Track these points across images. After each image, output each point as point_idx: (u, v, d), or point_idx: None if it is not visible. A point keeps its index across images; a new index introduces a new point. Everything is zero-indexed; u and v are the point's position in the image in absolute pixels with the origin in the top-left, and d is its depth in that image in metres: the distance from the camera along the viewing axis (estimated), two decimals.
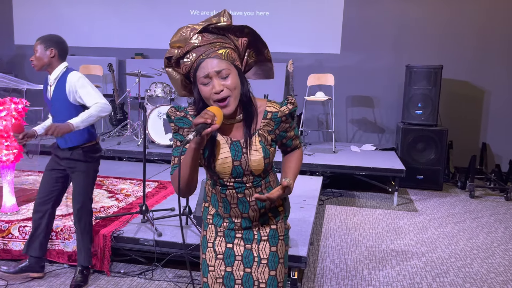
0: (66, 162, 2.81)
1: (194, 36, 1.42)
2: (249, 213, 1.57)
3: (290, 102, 1.57)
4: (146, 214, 3.44)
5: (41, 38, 2.71)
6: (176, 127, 1.53)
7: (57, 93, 2.73)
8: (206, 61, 1.40)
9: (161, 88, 6.11)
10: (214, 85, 1.40)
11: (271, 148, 1.55)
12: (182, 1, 7.53)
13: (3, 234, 3.26)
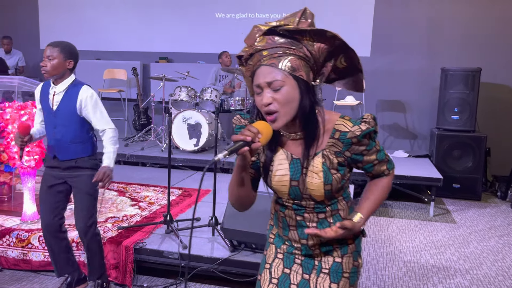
0: (69, 171, 2.58)
1: (258, 38, 1.25)
2: (308, 240, 1.37)
3: (365, 122, 1.31)
4: (170, 225, 3.26)
5: (60, 46, 2.50)
6: None
7: (64, 104, 2.52)
8: (261, 69, 1.24)
9: (186, 92, 5.97)
10: (262, 96, 1.23)
11: (337, 173, 1.31)
12: (207, 4, 7.40)
13: (22, 244, 3.14)
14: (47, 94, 2.55)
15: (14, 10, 8.08)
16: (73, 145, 2.53)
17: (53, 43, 2.52)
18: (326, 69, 1.31)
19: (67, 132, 2.51)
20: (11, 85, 3.48)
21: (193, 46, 7.55)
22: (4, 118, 3.20)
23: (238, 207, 1.40)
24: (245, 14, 7.34)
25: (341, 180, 1.32)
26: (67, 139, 2.53)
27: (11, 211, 3.55)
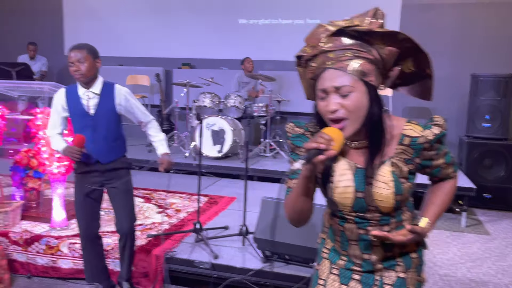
0: (109, 173, 2.58)
1: (325, 39, 1.17)
2: (371, 254, 1.28)
3: (437, 125, 1.24)
4: (200, 233, 3.20)
5: (86, 48, 2.46)
6: (293, 146, 1.32)
7: (102, 105, 2.52)
8: (328, 72, 1.16)
9: (210, 99, 5.94)
10: (328, 102, 1.16)
11: (407, 182, 1.23)
12: (230, 10, 7.39)
13: (52, 251, 3.11)
14: (79, 99, 2.50)
15: (39, 17, 8.18)
16: (114, 144, 2.56)
17: (77, 46, 2.48)
18: (393, 74, 1.24)
19: (108, 132, 2.53)
20: (41, 90, 3.46)
21: (215, 52, 7.53)
22: (36, 124, 3.19)
23: (297, 222, 1.29)
24: (268, 20, 7.29)
25: (410, 190, 1.25)
26: (109, 140, 2.54)
27: (39, 217, 3.53)
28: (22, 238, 3.16)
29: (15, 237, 3.17)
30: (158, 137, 2.70)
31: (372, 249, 1.27)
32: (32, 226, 3.40)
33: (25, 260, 3.14)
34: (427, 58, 1.23)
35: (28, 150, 3.70)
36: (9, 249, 3.15)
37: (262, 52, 7.14)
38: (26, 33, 7.85)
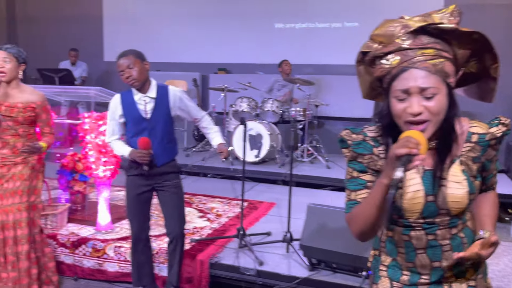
0: (161, 176, 2.60)
1: (404, 35, 1.11)
2: (442, 261, 1.20)
3: (502, 123, 1.20)
4: (244, 239, 3.17)
5: (133, 53, 2.48)
6: (354, 154, 1.24)
7: (158, 109, 2.55)
8: (411, 72, 1.09)
9: (247, 103, 5.93)
10: (411, 104, 1.09)
11: (476, 181, 1.19)
12: (267, 15, 7.38)
13: (98, 254, 3.14)
14: (134, 104, 2.53)
15: (80, 24, 8.41)
16: (169, 145, 2.60)
17: (124, 53, 2.49)
18: (458, 75, 1.19)
19: (164, 134, 2.57)
20: (87, 95, 3.53)
21: (251, 57, 7.53)
22: (83, 128, 3.25)
23: (367, 236, 1.21)
24: (305, 24, 7.24)
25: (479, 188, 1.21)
26: (165, 141, 2.58)
27: (85, 220, 3.59)
28: (69, 241, 3.22)
29: (63, 239, 3.23)
30: (213, 128, 2.77)
31: (442, 254, 1.19)
32: (78, 228, 3.46)
33: (72, 262, 3.19)
34: (495, 59, 1.17)
35: (74, 154, 3.78)
36: (57, 251, 3.21)
37: (299, 56, 7.08)
38: (67, 40, 8.07)
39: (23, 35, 8.86)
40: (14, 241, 2.70)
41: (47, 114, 2.78)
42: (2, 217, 2.69)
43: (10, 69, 2.66)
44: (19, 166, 2.72)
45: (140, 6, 8.13)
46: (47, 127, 2.78)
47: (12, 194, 2.70)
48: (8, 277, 2.73)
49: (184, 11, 7.90)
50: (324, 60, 7.12)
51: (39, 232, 2.79)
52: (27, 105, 2.69)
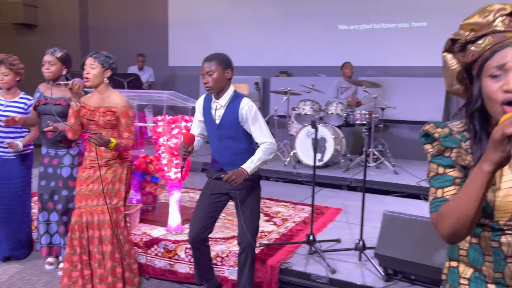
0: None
1: (498, 18, 1.08)
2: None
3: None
4: (314, 245, 3.10)
5: (216, 59, 2.48)
6: (442, 148, 1.16)
7: (227, 117, 2.52)
8: (507, 50, 1.05)
9: (310, 106, 5.85)
10: (508, 81, 1.03)
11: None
12: (330, 17, 7.27)
13: (170, 255, 3.20)
14: (210, 109, 2.56)
15: (147, 30, 8.73)
16: (238, 156, 2.52)
17: (208, 58, 2.50)
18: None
19: (232, 144, 2.52)
20: (160, 99, 3.62)
21: (313, 60, 7.45)
22: (156, 131, 3.33)
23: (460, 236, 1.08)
24: (370, 25, 7.05)
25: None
26: (232, 151, 2.53)
27: (155, 220, 3.68)
28: (142, 241, 3.31)
29: (136, 239, 3.32)
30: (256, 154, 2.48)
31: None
32: (150, 229, 3.55)
33: (144, 262, 3.27)
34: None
35: (146, 156, 3.89)
36: None
37: (363, 57, 6.91)
38: (135, 46, 8.41)
39: (94, 42, 9.34)
40: (99, 240, 2.81)
41: (127, 119, 2.80)
42: (87, 217, 2.81)
43: (95, 74, 2.78)
44: (103, 168, 2.83)
45: (203, 12, 8.30)
46: (126, 132, 2.81)
47: (97, 195, 2.81)
48: (95, 274, 2.83)
49: (246, 15, 7.97)
50: (389, 62, 6.90)
51: (123, 234, 2.87)
52: (107, 109, 2.79)
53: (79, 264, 2.83)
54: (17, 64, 3.39)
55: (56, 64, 3.14)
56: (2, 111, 3.40)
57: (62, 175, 3.22)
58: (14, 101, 3.44)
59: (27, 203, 3.59)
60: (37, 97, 3.26)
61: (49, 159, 3.27)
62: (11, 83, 3.40)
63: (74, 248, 2.83)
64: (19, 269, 3.40)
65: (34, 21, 9.68)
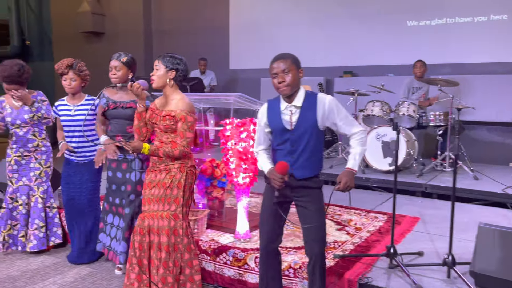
0: (300, 190, 2.38)
1: None
2: None
3: None
4: (395, 259, 2.83)
5: (290, 58, 2.30)
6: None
7: (303, 120, 2.32)
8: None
9: (379, 107, 5.53)
10: None
11: None
12: (398, 13, 6.89)
13: (239, 264, 3.06)
14: (279, 114, 2.37)
15: (208, 34, 8.77)
16: (310, 161, 2.35)
17: (281, 56, 2.32)
18: None
19: (306, 148, 2.33)
20: (227, 102, 3.51)
21: (379, 59, 7.09)
22: (225, 134, 3.21)
23: None
24: (442, 20, 6.60)
25: None
26: (305, 156, 2.35)
27: (222, 226, 3.57)
28: (210, 248, 3.20)
29: (204, 246, 3.22)
30: (354, 149, 2.36)
31: None
32: (217, 235, 3.44)
33: (212, 270, 3.16)
34: None
35: (212, 160, 3.79)
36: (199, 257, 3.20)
37: (435, 55, 6.47)
38: (197, 50, 8.46)
39: (157, 47, 9.54)
40: (158, 246, 2.74)
41: (183, 124, 2.69)
42: (149, 221, 2.75)
43: (158, 76, 2.73)
44: (163, 173, 2.76)
45: (264, 13, 8.20)
46: (179, 137, 2.71)
47: (157, 200, 2.75)
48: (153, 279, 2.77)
49: (307, 15, 7.76)
50: (465, 59, 6.40)
51: (182, 242, 2.78)
52: (167, 114, 2.71)
53: (137, 267, 2.79)
54: (85, 71, 3.46)
55: (122, 69, 3.14)
56: (71, 116, 3.46)
57: (131, 179, 3.20)
58: (81, 104, 3.50)
59: (97, 207, 3.62)
60: (104, 102, 3.26)
61: (117, 164, 3.26)
62: (77, 89, 3.46)
63: (135, 250, 2.81)
64: (90, 272, 3.42)
65: (101, 29, 10.06)
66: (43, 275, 3.38)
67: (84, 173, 3.51)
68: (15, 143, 3.72)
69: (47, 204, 3.79)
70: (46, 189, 3.78)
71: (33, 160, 3.72)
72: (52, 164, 3.85)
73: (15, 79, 3.54)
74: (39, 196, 3.72)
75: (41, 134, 3.75)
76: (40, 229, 3.70)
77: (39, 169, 3.73)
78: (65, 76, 3.40)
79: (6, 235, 3.72)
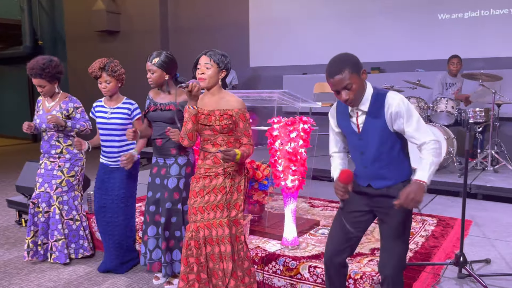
0: (381, 200, 2.10)
1: None
2: None
3: None
4: (465, 267, 2.59)
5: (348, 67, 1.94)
6: None
7: (370, 123, 2.04)
8: None
9: (416, 104, 5.28)
10: None
11: None
12: (428, 6, 6.61)
13: (291, 273, 2.83)
14: (347, 117, 2.12)
15: (227, 31, 8.54)
16: (387, 169, 2.06)
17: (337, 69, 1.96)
18: None
19: (378, 155, 2.05)
20: (270, 99, 3.29)
21: (409, 54, 6.83)
22: (273, 134, 2.98)
23: None
24: (476, 12, 6.32)
25: None
26: (379, 164, 2.06)
27: (266, 232, 3.35)
28: (257, 256, 2.97)
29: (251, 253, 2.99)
30: (425, 159, 1.96)
31: None
32: (262, 242, 3.22)
33: (261, 279, 2.94)
34: None
35: (252, 161, 3.57)
36: None
37: (467, 49, 6.20)
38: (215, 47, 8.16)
39: (174, 44, 9.32)
40: (220, 257, 2.51)
41: (244, 123, 2.52)
42: (205, 231, 2.52)
43: (210, 75, 2.51)
44: (220, 177, 2.53)
45: (284, 9, 7.96)
46: (245, 136, 2.53)
47: (214, 207, 2.52)
48: None
49: (329, 10, 7.51)
50: (501, 53, 6.12)
51: (243, 249, 2.57)
52: (223, 113, 2.49)
53: (196, 283, 2.55)
54: (119, 70, 3.19)
55: (156, 71, 2.90)
56: (107, 119, 3.24)
57: (168, 186, 2.96)
58: (117, 107, 3.26)
59: (130, 216, 3.39)
60: (147, 104, 3.05)
61: (158, 169, 3.04)
62: (113, 90, 3.22)
63: (191, 266, 2.55)
64: (127, 283, 3.21)
65: (116, 28, 9.86)
66: (76, 285, 3.18)
67: (116, 179, 3.29)
68: (42, 148, 3.55)
69: (69, 217, 3.53)
70: (66, 200, 3.52)
71: (56, 167, 3.50)
72: (78, 173, 3.58)
73: (38, 72, 3.34)
74: (57, 206, 3.48)
75: (66, 141, 3.52)
76: (59, 242, 3.49)
77: (60, 178, 3.49)
78: (99, 79, 3.18)
79: (31, 241, 3.52)
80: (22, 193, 4.57)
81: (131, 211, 3.40)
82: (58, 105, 3.50)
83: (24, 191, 4.50)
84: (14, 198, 4.76)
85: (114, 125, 3.23)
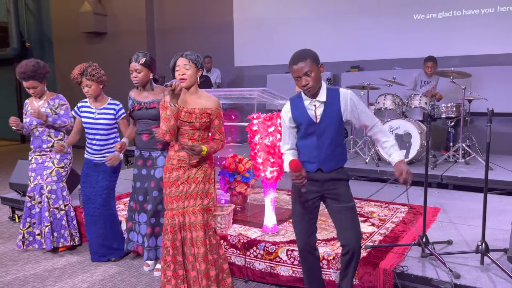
0: (329, 184, 2.39)
1: None
2: None
3: None
4: (427, 247, 2.86)
5: (311, 57, 2.26)
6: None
7: (328, 113, 2.34)
8: None
9: (391, 100, 5.57)
10: None
11: None
12: (404, 6, 6.91)
13: (270, 257, 3.07)
14: (304, 110, 2.37)
15: (212, 32, 8.76)
16: (336, 152, 2.38)
17: (301, 57, 2.27)
18: None
19: (331, 141, 2.36)
20: (250, 97, 3.52)
21: (386, 53, 7.12)
22: (252, 129, 3.22)
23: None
24: (449, 13, 6.63)
25: None
26: (332, 147, 2.37)
27: (248, 221, 3.58)
28: (240, 242, 3.21)
29: (233, 240, 3.23)
30: (389, 142, 2.38)
31: None
32: (244, 230, 3.45)
33: (242, 264, 3.17)
34: None
35: (235, 155, 3.80)
36: (228, 252, 3.21)
37: (441, 48, 6.51)
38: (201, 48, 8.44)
39: (160, 45, 9.51)
40: (191, 242, 2.75)
41: (219, 120, 2.80)
42: (179, 218, 2.76)
43: (190, 75, 2.73)
44: (194, 169, 2.77)
45: (268, 9, 8.20)
46: (218, 133, 2.81)
47: (188, 196, 2.76)
48: (189, 275, 2.79)
49: (312, 10, 7.77)
50: (473, 51, 6.44)
51: (213, 234, 2.81)
52: (203, 111, 2.72)
53: (172, 264, 2.80)
54: (98, 73, 3.41)
55: (143, 70, 3.14)
56: (94, 119, 3.46)
57: (155, 176, 3.21)
58: (104, 107, 3.50)
59: (112, 205, 3.63)
60: (130, 104, 3.28)
61: (143, 161, 3.27)
62: (96, 93, 3.46)
63: (167, 249, 2.80)
64: (118, 270, 3.42)
65: (103, 29, 10.01)
66: (70, 274, 3.38)
67: (100, 172, 3.53)
68: (33, 143, 3.77)
69: (55, 206, 3.73)
70: (55, 190, 3.73)
71: (47, 159, 3.74)
72: (67, 165, 3.81)
73: (31, 74, 3.58)
74: (46, 195, 3.70)
75: (57, 135, 3.76)
76: (46, 228, 3.69)
77: (51, 168, 3.73)
78: (81, 84, 3.41)
79: (26, 232, 3.78)
80: (16, 190, 4.74)
81: (113, 202, 3.64)
82: (46, 102, 3.73)
83: (17, 188, 4.68)
84: (7, 195, 4.93)
85: (100, 125, 3.47)
